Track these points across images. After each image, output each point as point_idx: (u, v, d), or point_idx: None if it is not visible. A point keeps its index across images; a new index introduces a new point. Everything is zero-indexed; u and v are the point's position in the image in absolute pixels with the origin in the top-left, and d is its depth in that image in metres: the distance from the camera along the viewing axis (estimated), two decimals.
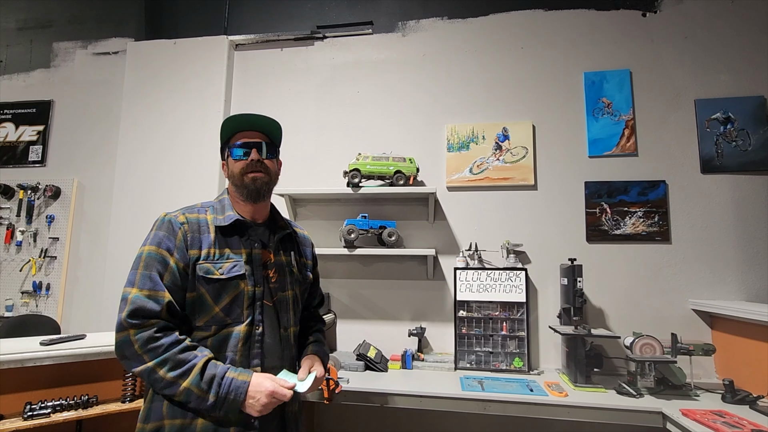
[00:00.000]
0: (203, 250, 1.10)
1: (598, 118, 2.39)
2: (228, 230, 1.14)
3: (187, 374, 0.98)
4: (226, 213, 1.17)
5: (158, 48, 2.83)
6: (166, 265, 1.05)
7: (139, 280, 1.03)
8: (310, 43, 2.78)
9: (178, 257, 1.07)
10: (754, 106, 2.26)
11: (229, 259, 1.11)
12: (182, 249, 1.08)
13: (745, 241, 2.19)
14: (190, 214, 1.14)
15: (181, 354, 0.99)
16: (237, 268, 1.11)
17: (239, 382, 1.01)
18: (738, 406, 1.71)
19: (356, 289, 2.51)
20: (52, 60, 3.06)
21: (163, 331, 1.00)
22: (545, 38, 2.51)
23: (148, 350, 0.97)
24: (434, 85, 2.59)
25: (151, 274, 1.03)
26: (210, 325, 1.08)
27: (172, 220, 1.11)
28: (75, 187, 2.87)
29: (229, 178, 1.21)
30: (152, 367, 0.97)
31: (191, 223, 1.12)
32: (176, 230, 1.09)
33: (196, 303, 1.07)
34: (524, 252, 2.36)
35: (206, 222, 1.14)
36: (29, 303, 2.79)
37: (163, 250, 1.06)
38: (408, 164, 2.36)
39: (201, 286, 1.07)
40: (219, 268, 1.09)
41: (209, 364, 1.01)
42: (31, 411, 1.51)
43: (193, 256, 1.08)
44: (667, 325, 2.13)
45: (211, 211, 1.17)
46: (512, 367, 2.15)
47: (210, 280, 1.07)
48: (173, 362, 0.98)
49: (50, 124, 2.98)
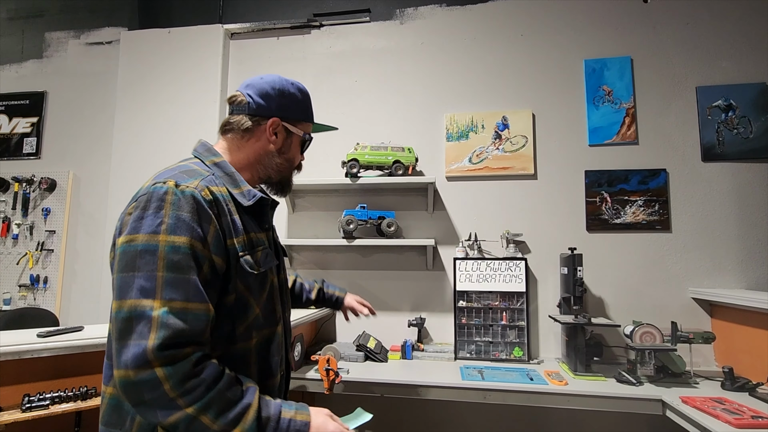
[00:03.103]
0: (239, 237, 0.85)
1: (598, 106, 2.36)
2: (246, 209, 0.92)
3: (241, 419, 0.73)
4: (244, 187, 0.92)
5: (152, 37, 2.78)
6: (203, 263, 0.77)
7: (164, 287, 0.72)
8: (307, 31, 2.74)
9: (214, 250, 0.79)
10: (755, 93, 2.24)
11: (259, 247, 0.91)
12: (219, 239, 0.81)
13: (746, 229, 2.18)
14: (214, 187, 0.85)
15: (229, 391, 0.74)
16: (269, 257, 0.92)
17: (299, 424, 0.79)
18: (738, 393, 1.71)
19: (355, 280, 2.50)
20: (44, 50, 3.02)
21: (203, 360, 0.74)
22: (545, 25, 2.47)
23: (186, 391, 0.70)
24: (433, 74, 2.55)
25: (186, 277, 0.74)
26: (250, 331, 0.86)
27: (197, 195, 0.79)
28: (70, 180, 2.84)
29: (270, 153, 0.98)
30: (194, 414, 0.70)
31: (219, 201, 0.84)
32: (208, 212, 0.80)
33: (235, 307, 0.84)
34: (524, 242, 2.35)
35: (227, 198, 0.88)
36: (27, 296, 2.78)
37: (196, 241, 0.77)
38: (407, 154, 2.34)
39: (242, 285, 0.84)
40: (255, 259, 0.88)
41: (262, 402, 0.78)
42: (29, 403, 1.50)
43: (233, 247, 0.84)
44: (667, 314, 2.13)
45: (220, 182, 0.89)
46: (512, 357, 2.16)
47: (253, 276, 0.86)
48: (223, 404, 0.73)
49: (44, 115, 2.94)
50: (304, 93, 1.03)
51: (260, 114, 0.96)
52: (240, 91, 0.98)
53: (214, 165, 0.92)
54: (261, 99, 0.96)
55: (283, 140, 0.99)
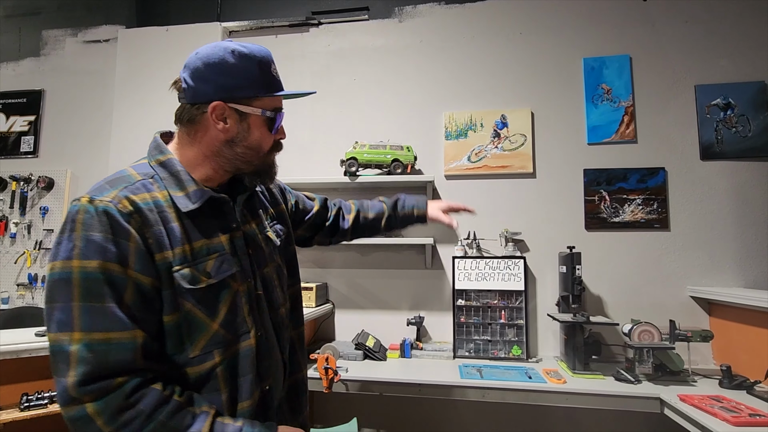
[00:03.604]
0: (176, 249, 0.74)
1: (597, 105, 2.36)
2: (195, 212, 0.79)
3: None
4: (189, 188, 0.79)
5: (150, 35, 2.77)
6: (123, 286, 0.68)
7: (80, 318, 0.65)
8: (306, 29, 2.73)
9: (138, 269, 0.70)
10: (754, 91, 2.24)
11: (211, 254, 0.78)
12: (142, 255, 0.70)
13: (744, 228, 2.18)
14: (135, 195, 0.73)
15: (173, 420, 0.67)
16: (226, 264, 0.80)
17: None
18: (735, 391, 1.72)
19: (354, 278, 2.50)
20: (41, 48, 3.00)
21: (139, 389, 0.66)
22: (544, 23, 2.47)
23: (122, 425, 0.64)
24: (432, 72, 2.55)
25: (101, 306, 0.66)
26: (210, 350, 0.76)
27: (110, 210, 0.69)
28: (68, 178, 2.83)
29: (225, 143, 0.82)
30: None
31: (144, 211, 0.72)
32: (125, 227, 0.69)
33: (182, 327, 0.74)
34: (523, 240, 2.35)
35: (162, 204, 0.76)
36: (25, 295, 2.77)
37: (111, 264, 0.67)
38: (406, 152, 2.33)
39: (186, 302, 0.74)
40: (203, 270, 0.76)
41: (215, 428, 0.70)
42: (27, 402, 1.50)
43: (164, 262, 0.73)
44: (665, 312, 2.13)
45: (161, 185, 0.78)
46: (511, 355, 2.16)
47: (198, 290, 0.75)
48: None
49: (41, 114, 2.93)
50: (253, 59, 0.81)
51: (199, 100, 0.80)
52: (180, 74, 0.83)
53: (159, 165, 0.81)
54: (195, 81, 0.80)
55: (237, 125, 0.81)
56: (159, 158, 0.82)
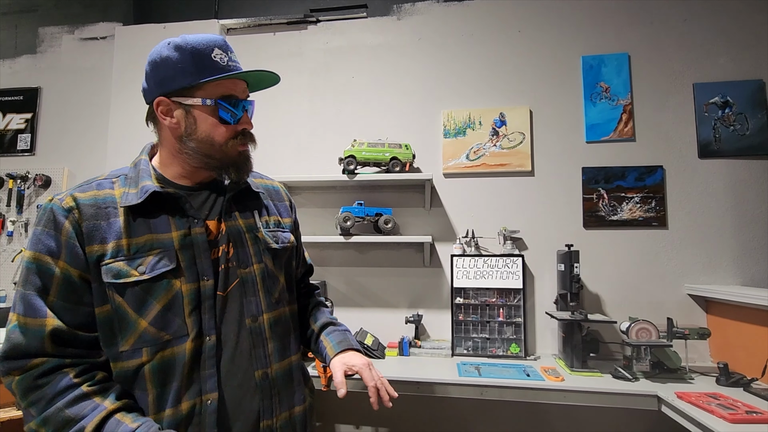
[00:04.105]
0: (109, 244, 0.77)
1: (595, 103, 2.36)
2: (149, 209, 0.80)
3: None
4: (141, 184, 0.80)
5: (147, 33, 2.75)
6: (50, 276, 0.74)
7: (17, 302, 0.74)
8: (304, 27, 2.72)
9: (68, 261, 0.75)
10: (752, 89, 2.24)
11: (152, 250, 0.78)
12: (72, 248, 0.75)
13: (742, 226, 2.19)
14: (82, 194, 0.79)
15: (70, 408, 0.70)
16: (164, 261, 0.78)
17: None
18: (732, 388, 1.72)
19: (353, 276, 2.50)
20: (38, 45, 2.98)
21: (50, 374, 0.72)
22: (543, 21, 2.46)
23: (31, 403, 0.71)
24: (430, 70, 2.54)
25: (25, 293, 0.73)
26: (139, 347, 0.76)
27: (54, 207, 0.77)
28: (65, 176, 2.82)
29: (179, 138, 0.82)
30: (35, 428, 0.70)
31: (85, 206, 0.77)
32: (60, 222, 0.75)
33: (113, 320, 0.76)
34: (521, 238, 2.35)
35: (111, 200, 0.80)
36: None
37: (42, 255, 0.74)
38: (404, 150, 2.33)
39: (115, 296, 0.76)
40: (137, 265, 0.77)
41: (108, 425, 0.70)
42: None
43: (94, 255, 0.76)
44: (663, 310, 2.14)
45: (122, 183, 0.83)
46: (509, 353, 2.16)
47: (125, 285, 0.76)
48: (57, 422, 0.70)
49: (38, 111, 2.91)
50: (186, 49, 0.79)
51: (148, 99, 0.83)
52: None
53: (133, 165, 0.88)
54: (145, 81, 0.83)
55: (184, 119, 0.81)
56: (135, 159, 0.89)
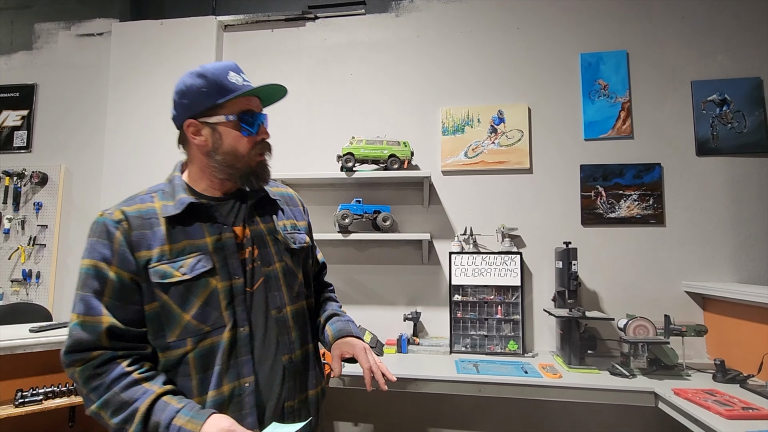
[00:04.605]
0: (154, 250, 0.88)
1: (594, 101, 2.36)
2: (185, 218, 0.92)
3: (130, 421, 0.80)
4: (177, 197, 0.93)
5: (144, 29, 2.74)
6: (104, 280, 0.85)
7: (76, 303, 0.85)
8: (302, 23, 2.71)
9: (119, 266, 0.86)
10: (750, 87, 2.25)
11: (191, 254, 0.90)
12: (123, 254, 0.87)
13: (739, 223, 2.20)
14: (128, 207, 0.91)
15: (125, 392, 0.81)
16: (202, 262, 0.90)
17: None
18: (729, 385, 1.74)
19: (351, 274, 2.50)
20: (34, 42, 2.96)
21: (106, 363, 0.83)
22: (541, 19, 2.46)
23: (92, 389, 0.82)
24: (429, 67, 2.54)
25: (84, 295, 0.85)
26: (184, 338, 0.88)
27: (106, 220, 0.89)
28: (62, 173, 2.81)
29: (208, 154, 0.95)
30: (96, 410, 0.82)
31: (132, 218, 0.90)
32: (112, 232, 0.88)
33: (161, 315, 0.88)
34: (519, 236, 2.36)
35: (154, 212, 0.92)
36: (19, 291, 2.75)
37: (98, 262, 0.86)
38: (402, 148, 2.33)
39: (161, 294, 0.88)
40: (179, 267, 0.88)
41: (156, 406, 0.81)
42: (22, 398, 1.49)
43: (143, 260, 0.88)
44: (660, 307, 2.14)
45: (160, 197, 0.95)
46: (507, 350, 2.17)
47: (170, 284, 0.87)
48: (115, 404, 0.81)
49: (34, 108, 2.89)
50: (207, 75, 0.93)
51: (178, 123, 0.98)
52: None
53: (168, 182, 1.00)
54: (174, 109, 0.98)
55: (211, 136, 0.94)
56: (169, 176, 1.01)
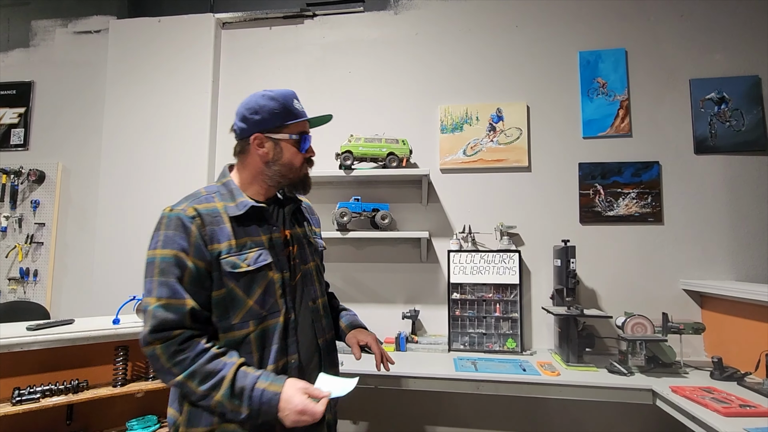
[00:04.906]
0: (223, 244, 1.01)
1: (592, 99, 2.36)
2: (244, 217, 1.06)
3: (218, 387, 0.93)
4: (238, 200, 1.08)
5: (142, 26, 2.73)
6: (184, 268, 0.97)
7: (156, 289, 0.95)
8: (300, 21, 2.70)
9: (195, 256, 0.98)
10: (748, 85, 2.25)
11: (252, 249, 1.04)
12: (199, 246, 0.99)
13: (737, 221, 2.20)
14: (199, 205, 1.03)
15: (209, 364, 0.94)
16: (263, 257, 1.05)
17: (270, 394, 0.94)
18: (726, 382, 1.74)
19: (349, 272, 2.50)
20: (30, 39, 2.95)
21: (188, 341, 0.95)
22: (540, 16, 2.45)
23: (176, 363, 0.93)
24: (427, 65, 2.53)
25: (167, 281, 0.95)
26: (247, 320, 1.01)
27: (181, 215, 1.00)
28: (59, 171, 2.80)
29: (267, 164, 1.10)
30: (182, 381, 0.93)
31: (204, 215, 1.02)
32: (188, 226, 0.99)
33: (226, 300, 1.01)
34: (518, 234, 2.36)
35: (218, 211, 1.05)
36: (17, 289, 2.74)
37: (178, 252, 0.97)
38: (401, 146, 2.32)
39: (229, 282, 1.01)
40: (244, 259, 1.02)
41: (239, 374, 0.94)
42: (19, 396, 1.49)
43: (215, 252, 1.00)
44: (658, 305, 2.15)
45: (219, 198, 1.08)
46: (505, 348, 2.17)
47: (238, 274, 1.01)
48: (202, 374, 0.93)
49: (31, 106, 2.88)
50: (278, 99, 1.10)
51: (244, 136, 1.10)
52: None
53: (222, 185, 1.12)
54: (241, 123, 1.10)
55: (273, 149, 1.10)
56: (222, 180, 1.14)
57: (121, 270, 2.53)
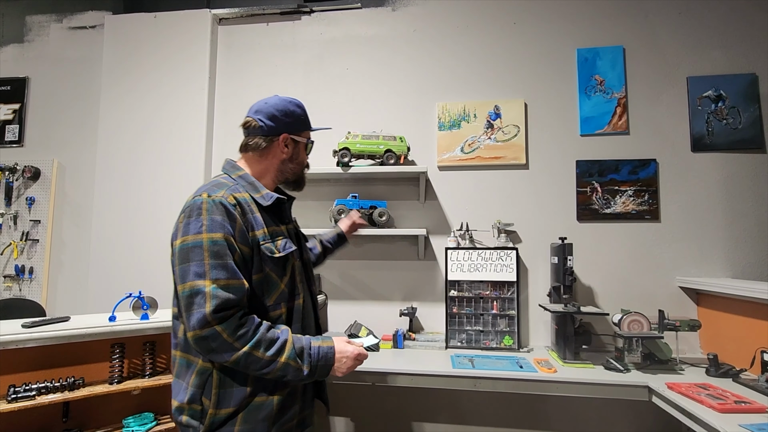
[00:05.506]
0: (259, 231, 1.10)
1: (590, 96, 2.36)
2: (268, 208, 1.17)
3: (282, 350, 1.02)
4: (262, 191, 1.18)
5: (138, 22, 2.70)
6: (234, 251, 1.04)
7: (210, 270, 0.99)
8: (297, 17, 2.68)
9: (240, 241, 1.06)
10: (745, 83, 2.25)
11: (279, 237, 1.15)
12: (243, 232, 1.07)
13: (733, 219, 2.21)
14: (236, 194, 1.11)
15: (269, 332, 1.03)
16: (288, 244, 1.16)
17: (326, 348, 1.09)
18: (722, 379, 1.75)
19: (347, 270, 2.49)
20: (25, 34, 2.92)
21: (245, 316, 1.02)
22: (538, 13, 2.45)
23: (239, 337, 0.99)
24: (425, 62, 2.53)
25: (225, 263, 1.01)
26: (279, 302, 1.12)
27: (224, 202, 1.06)
28: (55, 168, 2.78)
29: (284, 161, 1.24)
30: (248, 351, 0.99)
31: (242, 204, 1.10)
32: (233, 213, 1.06)
33: (263, 283, 1.10)
34: (515, 231, 2.36)
35: (248, 200, 1.13)
36: (12, 287, 2.73)
37: (228, 236, 1.03)
38: (398, 143, 2.32)
39: (266, 266, 1.10)
40: (276, 246, 1.12)
41: (294, 338, 1.06)
42: (15, 394, 1.48)
43: (256, 238, 1.09)
44: (654, 302, 2.16)
45: (243, 189, 1.15)
46: (502, 345, 2.17)
47: (274, 259, 1.11)
48: (267, 342, 1.01)
49: (26, 102, 2.86)
50: (301, 107, 1.27)
51: (272, 134, 1.21)
52: (251, 116, 1.22)
53: (239, 177, 1.19)
54: (271, 121, 1.20)
55: (293, 149, 1.25)
56: (237, 173, 1.20)
57: (117, 267, 2.52)
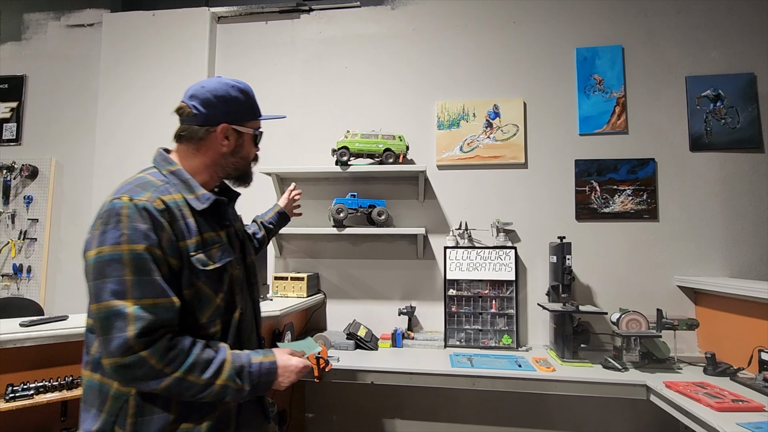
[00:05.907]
0: (190, 240, 0.95)
1: (589, 96, 2.36)
2: (204, 212, 1.00)
3: (220, 372, 0.91)
4: (198, 192, 1.01)
5: (136, 20, 2.70)
6: (161, 265, 0.89)
7: (132, 288, 0.84)
8: (296, 16, 2.68)
9: (169, 252, 0.90)
10: (744, 83, 2.26)
11: (215, 245, 1.00)
12: (172, 242, 0.91)
13: (731, 218, 2.21)
14: (164, 196, 0.94)
15: (204, 353, 0.91)
16: (225, 253, 1.01)
17: (268, 364, 0.99)
18: (719, 377, 1.76)
19: (346, 268, 2.49)
20: (23, 32, 2.91)
21: (176, 337, 0.90)
22: (538, 13, 2.45)
23: (169, 362, 0.86)
24: (424, 61, 2.52)
25: (151, 279, 0.86)
26: (214, 319, 0.98)
27: (149, 207, 0.89)
28: (53, 167, 2.77)
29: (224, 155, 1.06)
30: (180, 376, 0.87)
31: (171, 209, 0.93)
32: (159, 220, 0.90)
33: (195, 299, 0.95)
34: (514, 230, 2.36)
35: (180, 204, 0.96)
36: (10, 286, 2.72)
37: (152, 247, 0.87)
38: (397, 142, 2.32)
39: (198, 280, 0.95)
40: (211, 256, 0.97)
41: (233, 356, 0.95)
42: (13, 393, 1.48)
43: (185, 248, 0.93)
44: (652, 301, 2.16)
45: (174, 188, 0.99)
46: (501, 344, 2.18)
47: (207, 272, 0.96)
48: (202, 364, 0.89)
49: (24, 100, 2.85)
50: (246, 93, 1.08)
51: (209, 123, 1.03)
52: (185, 101, 1.04)
53: (170, 173, 1.01)
54: (206, 108, 1.02)
55: (235, 141, 1.07)
56: (169, 168, 1.03)
57: None
